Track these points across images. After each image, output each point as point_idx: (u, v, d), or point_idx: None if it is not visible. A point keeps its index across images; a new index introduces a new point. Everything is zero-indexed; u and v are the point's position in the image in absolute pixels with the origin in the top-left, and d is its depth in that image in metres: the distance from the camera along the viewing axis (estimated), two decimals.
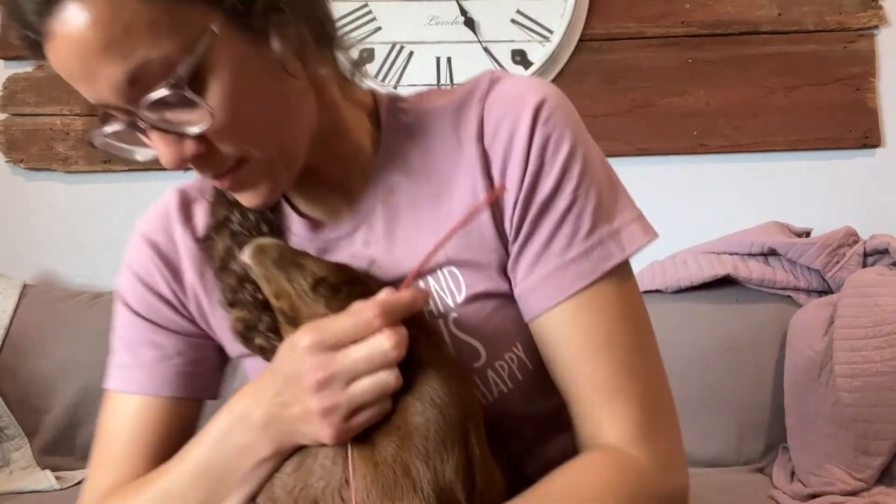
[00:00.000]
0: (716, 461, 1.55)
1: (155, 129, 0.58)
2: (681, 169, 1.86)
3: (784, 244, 1.62)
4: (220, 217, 0.70)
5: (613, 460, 0.63)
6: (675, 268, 1.68)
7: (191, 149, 0.59)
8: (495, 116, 0.67)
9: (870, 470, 1.32)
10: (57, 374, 1.62)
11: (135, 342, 0.74)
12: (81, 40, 0.53)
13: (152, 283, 0.74)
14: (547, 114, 0.67)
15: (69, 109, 1.87)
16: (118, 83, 0.55)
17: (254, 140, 0.60)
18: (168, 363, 0.72)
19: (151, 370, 0.72)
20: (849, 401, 1.37)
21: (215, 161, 0.61)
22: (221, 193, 0.71)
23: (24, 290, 1.74)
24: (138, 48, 0.54)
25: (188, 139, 0.58)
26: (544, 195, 0.66)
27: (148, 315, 0.74)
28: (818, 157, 1.86)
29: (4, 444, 1.59)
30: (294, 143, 0.63)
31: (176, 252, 0.73)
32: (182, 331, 0.73)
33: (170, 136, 0.58)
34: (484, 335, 0.67)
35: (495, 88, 0.69)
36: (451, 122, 0.69)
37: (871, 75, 1.84)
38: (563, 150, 0.66)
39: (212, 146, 0.59)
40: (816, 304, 1.56)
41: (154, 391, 0.71)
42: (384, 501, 0.55)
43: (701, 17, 1.84)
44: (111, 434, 0.72)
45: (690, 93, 1.85)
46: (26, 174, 1.90)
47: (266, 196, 0.64)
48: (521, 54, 1.83)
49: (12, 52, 1.87)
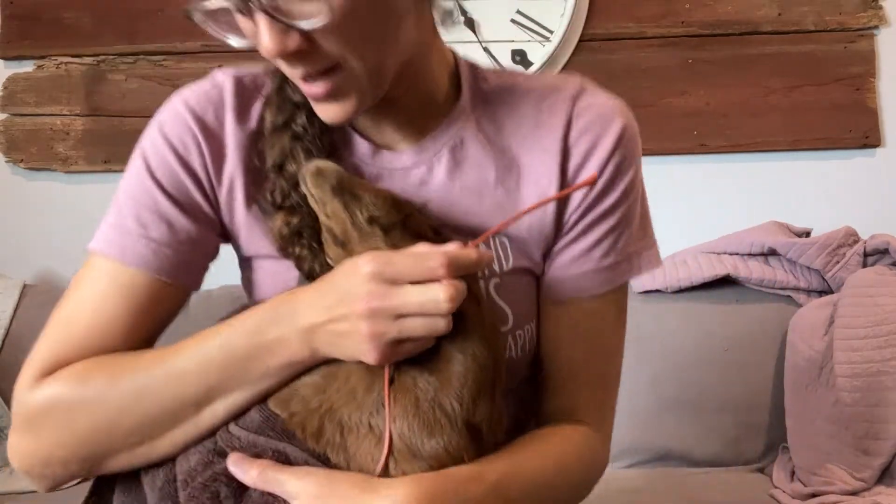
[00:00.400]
0: (716, 461, 1.55)
1: (266, 14, 0.57)
2: (681, 169, 1.86)
3: (784, 244, 1.62)
4: (285, 116, 0.69)
5: (583, 435, 0.73)
6: (675, 268, 1.68)
7: (295, 42, 0.58)
8: (585, 120, 0.72)
9: (870, 470, 1.32)
10: None
11: (147, 211, 0.69)
12: None
13: (186, 157, 0.70)
14: (628, 137, 0.74)
15: (69, 109, 1.88)
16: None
17: (357, 47, 0.60)
18: (175, 248, 0.69)
19: (157, 248, 0.68)
20: (849, 401, 1.37)
21: (313, 60, 0.60)
22: (284, 94, 0.70)
23: (24, 290, 1.74)
24: None
25: (295, 31, 0.58)
26: (605, 207, 0.72)
27: (170, 188, 0.70)
28: (818, 157, 1.86)
29: (4, 444, 1.59)
30: (388, 62, 0.64)
31: (222, 136, 0.71)
32: (199, 216, 0.70)
33: (278, 25, 0.57)
34: (515, 304, 0.72)
35: (586, 96, 0.74)
36: (533, 107, 0.73)
37: (871, 75, 1.84)
38: (629, 174, 0.73)
39: (314, 44, 0.59)
40: (816, 304, 1.57)
41: (154, 269, 0.68)
42: (423, 433, 0.60)
43: (701, 17, 1.84)
44: (87, 299, 0.68)
45: (690, 93, 1.85)
46: (26, 174, 1.91)
47: (348, 112, 0.64)
48: (521, 54, 1.83)
49: (13, 52, 1.87)
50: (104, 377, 0.64)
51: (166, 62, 1.87)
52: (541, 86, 0.74)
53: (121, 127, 1.87)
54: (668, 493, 1.41)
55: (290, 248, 0.67)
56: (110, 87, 1.87)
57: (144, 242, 0.68)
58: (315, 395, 0.64)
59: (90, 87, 1.87)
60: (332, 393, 0.64)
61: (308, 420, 0.63)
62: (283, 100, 0.70)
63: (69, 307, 0.69)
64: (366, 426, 0.63)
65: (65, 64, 1.88)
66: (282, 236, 0.67)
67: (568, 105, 0.73)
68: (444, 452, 0.60)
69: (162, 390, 0.63)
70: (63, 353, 0.67)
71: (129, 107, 1.87)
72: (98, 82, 1.87)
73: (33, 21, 1.87)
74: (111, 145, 1.87)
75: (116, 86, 1.87)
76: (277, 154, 0.68)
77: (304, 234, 0.67)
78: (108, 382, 0.64)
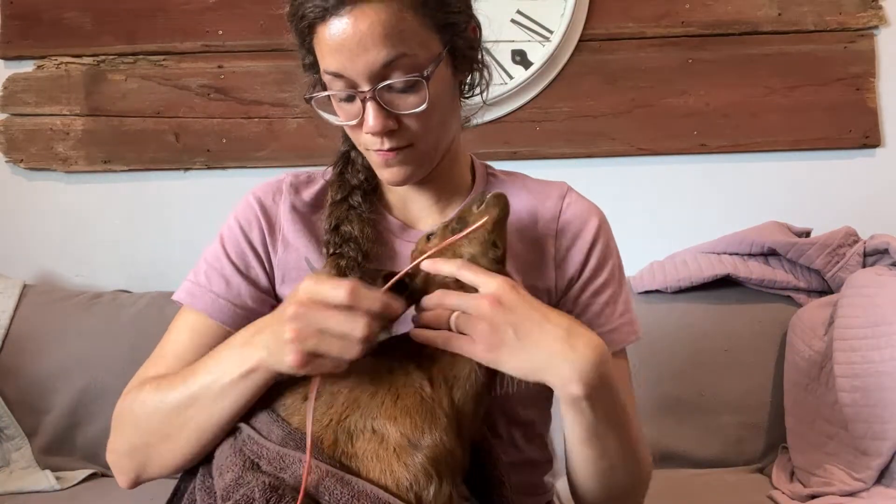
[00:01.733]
0: (716, 461, 1.55)
1: (375, 102, 0.80)
2: (681, 169, 1.86)
3: (784, 244, 1.62)
4: (343, 193, 0.92)
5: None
6: (675, 268, 1.68)
7: (392, 124, 0.81)
8: (573, 211, 0.95)
9: (869, 470, 1.32)
10: (57, 374, 1.62)
11: (214, 271, 0.92)
12: (370, 28, 0.77)
13: (249, 232, 0.93)
14: (605, 228, 0.97)
15: (69, 109, 1.88)
16: (377, 63, 0.78)
17: (430, 131, 0.84)
18: (230, 300, 0.90)
19: (215, 299, 0.90)
20: (848, 401, 1.37)
21: (398, 137, 0.83)
22: (344, 178, 0.93)
23: (24, 290, 1.74)
24: (402, 46, 0.78)
25: (392, 116, 0.81)
26: (600, 282, 0.94)
27: (234, 255, 0.92)
28: (818, 157, 1.86)
29: (4, 444, 1.59)
30: (442, 146, 0.89)
31: (276, 213, 0.94)
32: (252, 279, 0.92)
33: (383, 111, 0.80)
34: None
35: (573, 194, 0.98)
36: (529, 202, 0.96)
37: (871, 75, 1.84)
38: (613, 255, 0.96)
39: (401, 126, 0.82)
40: (816, 304, 1.57)
41: (212, 315, 0.89)
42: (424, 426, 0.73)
43: (701, 17, 1.84)
44: (170, 332, 0.92)
45: (690, 93, 1.85)
46: (26, 174, 1.91)
47: (408, 177, 0.87)
48: (521, 54, 1.83)
49: (13, 52, 1.87)
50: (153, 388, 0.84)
51: (166, 62, 1.87)
52: (537, 187, 0.98)
53: (121, 127, 1.87)
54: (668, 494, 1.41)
55: None
56: (110, 87, 1.88)
57: (207, 293, 0.91)
58: (325, 412, 0.74)
59: (90, 87, 1.87)
60: (339, 406, 0.74)
61: (323, 435, 0.73)
62: (343, 182, 0.94)
63: (162, 342, 0.92)
64: (369, 430, 0.73)
65: (65, 64, 1.88)
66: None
67: (559, 202, 0.96)
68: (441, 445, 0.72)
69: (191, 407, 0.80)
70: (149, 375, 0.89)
71: (129, 107, 1.87)
72: (98, 82, 1.87)
73: (33, 21, 1.87)
74: (111, 145, 1.87)
75: (116, 86, 1.87)
76: (335, 218, 0.90)
77: (348, 276, 0.83)
78: (155, 393, 0.83)
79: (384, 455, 0.72)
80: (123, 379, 0.90)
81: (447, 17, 0.82)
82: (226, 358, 0.78)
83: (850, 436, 1.37)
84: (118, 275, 1.90)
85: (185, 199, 1.89)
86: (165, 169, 1.89)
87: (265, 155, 1.87)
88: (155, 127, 1.87)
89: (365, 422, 0.73)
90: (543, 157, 1.85)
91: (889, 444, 1.31)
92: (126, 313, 1.68)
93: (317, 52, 0.82)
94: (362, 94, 0.80)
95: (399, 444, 0.72)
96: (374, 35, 0.77)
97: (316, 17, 0.79)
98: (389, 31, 0.77)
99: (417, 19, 0.79)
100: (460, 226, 0.80)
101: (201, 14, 1.86)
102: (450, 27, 0.83)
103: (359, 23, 0.77)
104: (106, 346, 1.64)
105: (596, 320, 0.93)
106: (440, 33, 0.82)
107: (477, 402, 0.77)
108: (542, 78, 1.83)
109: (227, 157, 1.88)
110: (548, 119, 1.85)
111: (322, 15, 0.78)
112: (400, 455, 0.72)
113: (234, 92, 1.86)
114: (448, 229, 0.82)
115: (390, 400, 0.74)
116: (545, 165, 1.85)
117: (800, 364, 1.51)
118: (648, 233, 1.84)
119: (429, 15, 0.80)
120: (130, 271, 1.91)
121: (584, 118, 1.85)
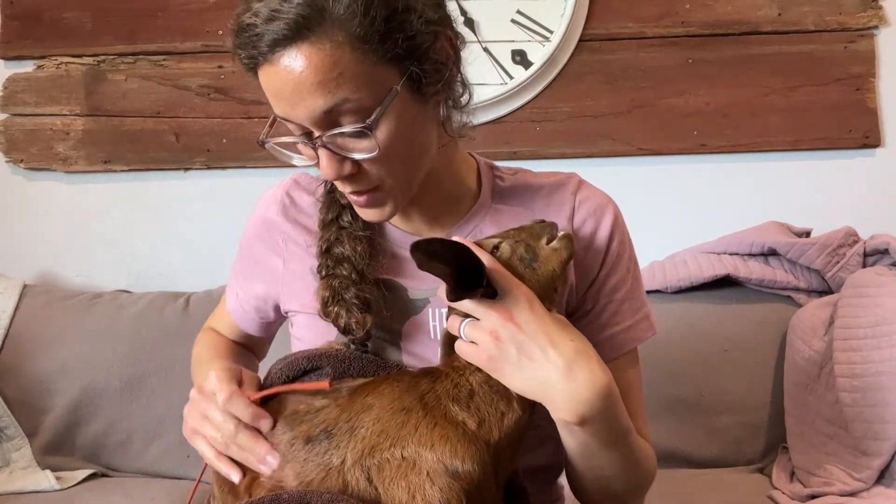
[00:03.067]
0: (716, 461, 1.55)
1: (327, 149, 0.75)
2: (681, 169, 1.86)
3: (784, 244, 1.62)
4: (333, 214, 0.90)
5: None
6: (675, 268, 1.68)
7: (347, 168, 0.77)
8: (586, 209, 0.92)
9: (869, 470, 1.32)
10: (57, 374, 1.62)
11: (235, 282, 1.01)
12: (302, 75, 0.71)
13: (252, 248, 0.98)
14: (619, 223, 0.94)
15: (69, 109, 1.88)
16: (316, 112, 0.72)
17: (394, 173, 0.79)
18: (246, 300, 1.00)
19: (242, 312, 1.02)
20: (848, 401, 1.37)
21: (359, 181, 0.79)
22: (333, 197, 0.90)
23: (24, 290, 1.74)
24: (341, 91, 0.72)
25: (348, 161, 0.77)
26: (617, 279, 0.92)
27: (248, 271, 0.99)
28: (818, 157, 1.86)
29: (4, 444, 1.59)
30: (416, 178, 0.83)
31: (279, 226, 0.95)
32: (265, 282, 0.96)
33: (336, 156, 0.76)
34: None
35: (584, 189, 0.94)
36: (543, 201, 0.93)
37: (871, 75, 1.84)
38: (627, 249, 0.94)
39: (362, 170, 0.78)
40: (816, 304, 1.57)
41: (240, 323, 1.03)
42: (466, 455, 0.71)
43: (701, 17, 1.84)
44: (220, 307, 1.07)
45: (690, 93, 1.85)
46: (26, 174, 1.91)
47: (385, 215, 0.84)
48: (521, 54, 1.83)
49: (13, 52, 1.87)
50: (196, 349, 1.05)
51: (166, 62, 1.87)
52: (547, 183, 0.94)
53: (121, 127, 1.87)
54: (668, 494, 1.41)
55: (330, 308, 0.85)
56: (110, 87, 1.87)
57: (237, 304, 1.01)
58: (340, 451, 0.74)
59: (90, 87, 1.87)
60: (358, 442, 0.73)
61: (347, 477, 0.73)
62: (332, 201, 0.91)
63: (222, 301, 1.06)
64: (398, 457, 0.72)
65: (65, 64, 1.88)
66: (324, 299, 0.85)
67: (572, 198, 0.92)
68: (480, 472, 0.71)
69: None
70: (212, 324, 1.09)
71: (129, 107, 1.87)
72: (98, 82, 1.87)
73: (33, 21, 1.87)
74: (111, 145, 1.87)
75: (116, 86, 1.87)
76: (326, 241, 0.88)
77: (344, 296, 0.85)
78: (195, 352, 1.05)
79: (415, 479, 0.70)
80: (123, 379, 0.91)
81: (399, 44, 0.73)
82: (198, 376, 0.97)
83: (850, 436, 1.37)
84: (118, 275, 1.90)
85: (185, 199, 1.89)
86: (165, 169, 1.88)
87: (265, 155, 1.86)
88: (155, 127, 1.87)
89: (393, 451, 0.72)
90: (543, 157, 1.85)
91: (889, 444, 1.31)
92: (126, 313, 1.68)
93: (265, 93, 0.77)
94: (314, 139, 0.75)
95: (433, 470, 0.70)
96: (308, 83, 0.71)
97: (250, 67, 0.75)
98: (324, 78, 0.71)
99: (357, 57, 0.71)
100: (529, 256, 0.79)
101: (201, 14, 1.86)
102: (407, 54, 0.74)
103: (291, 70, 0.71)
104: (106, 346, 1.64)
105: (613, 318, 0.92)
106: (393, 64, 0.74)
107: (516, 440, 0.76)
108: (542, 78, 1.83)
109: (227, 157, 1.88)
110: (548, 119, 1.85)
111: (254, 65, 0.74)
112: (434, 480, 0.69)
113: (234, 92, 1.86)
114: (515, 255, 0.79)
115: (425, 427, 0.72)
116: (545, 165, 1.84)
117: (800, 364, 1.51)
118: (648, 233, 1.84)
119: (372, 50, 0.72)
120: (130, 271, 1.91)
121: (584, 118, 1.85)
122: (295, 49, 0.70)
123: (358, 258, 0.86)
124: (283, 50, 0.71)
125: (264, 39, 0.71)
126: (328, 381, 0.78)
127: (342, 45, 0.71)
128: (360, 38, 0.71)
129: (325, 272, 0.87)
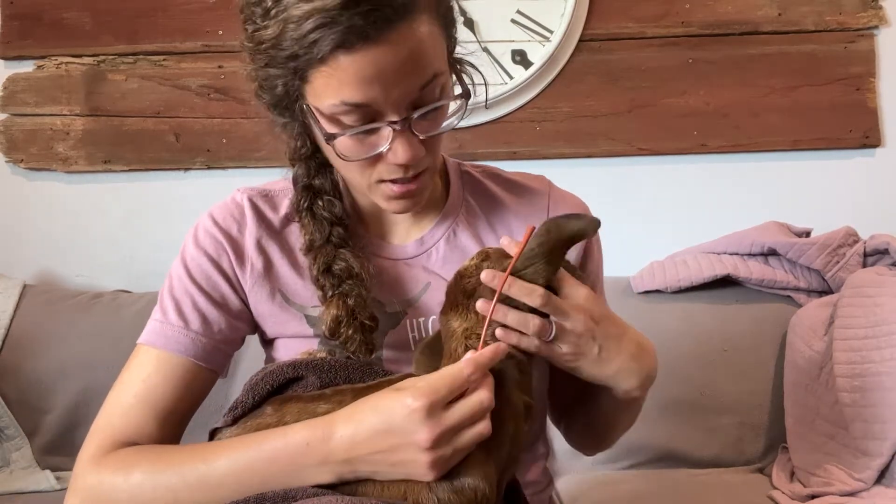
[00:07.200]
0: (716, 461, 1.55)
1: (410, 132, 0.72)
2: (681, 169, 1.86)
3: (784, 244, 1.62)
4: (324, 234, 0.84)
5: None
6: (675, 268, 1.68)
7: (423, 150, 0.74)
8: (564, 209, 0.91)
9: (869, 470, 1.32)
10: (57, 374, 1.62)
11: (188, 308, 0.84)
12: (412, 50, 0.67)
13: (219, 262, 0.86)
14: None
15: (69, 109, 1.87)
16: (413, 90, 0.70)
17: (438, 152, 0.80)
18: (210, 337, 0.84)
19: (195, 338, 0.83)
20: (848, 401, 1.37)
21: (420, 164, 0.76)
22: (316, 215, 0.85)
23: (24, 290, 1.74)
24: (435, 64, 0.71)
25: (421, 144, 0.73)
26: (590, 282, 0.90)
27: (207, 288, 0.85)
28: (818, 157, 1.86)
29: (4, 444, 1.59)
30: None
31: (243, 245, 0.86)
32: (230, 311, 0.86)
33: (415, 139, 0.73)
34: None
35: (556, 190, 0.95)
36: (514, 201, 0.92)
37: (871, 75, 1.84)
38: (596, 250, 0.96)
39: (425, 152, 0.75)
40: (816, 304, 1.56)
41: (192, 355, 0.82)
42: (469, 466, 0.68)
43: (701, 17, 1.84)
44: (136, 382, 0.81)
45: (690, 93, 1.85)
46: (26, 174, 1.91)
47: (421, 203, 0.82)
48: (521, 54, 1.83)
49: (13, 52, 1.87)
50: (145, 470, 0.73)
51: (166, 62, 1.87)
52: (517, 185, 0.93)
53: (121, 127, 1.87)
54: (668, 494, 1.41)
55: (340, 329, 0.80)
56: (110, 87, 1.87)
57: (185, 333, 0.83)
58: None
59: (90, 87, 1.87)
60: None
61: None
62: (318, 222, 0.85)
63: (123, 389, 0.82)
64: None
65: (65, 64, 1.88)
66: (336, 319, 0.80)
67: (545, 199, 0.92)
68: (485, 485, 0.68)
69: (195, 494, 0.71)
70: (119, 429, 0.79)
71: (129, 107, 1.87)
72: (98, 82, 1.87)
73: (33, 21, 1.87)
74: (111, 145, 1.87)
75: (116, 86, 1.87)
76: (324, 261, 0.83)
77: (357, 317, 0.80)
78: (149, 477, 0.73)
79: (413, 485, 0.67)
80: None
81: (447, 16, 0.74)
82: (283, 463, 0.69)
83: (850, 436, 1.37)
84: (118, 275, 1.90)
85: (185, 199, 1.89)
86: (165, 169, 1.88)
87: (265, 155, 1.87)
88: (155, 127, 1.87)
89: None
90: (543, 157, 1.85)
91: (889, 444, 1.31)
92: (126, 313, 1.68)
93: (321, 83, 0.69)
94: (393, 124, 0.71)
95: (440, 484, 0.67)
96: (415, 60, 0.68)
97: (336, 46, 0.66)
98: (428, 51, 0.69)
99: (437, 29, 0.71)
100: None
101: (201, 14, 1.86)
102: (449, 24, 0.75)
103: (399, 48, 0.67)
104: (106, 346, 1.63)
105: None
106: (445, 35, 0.74)
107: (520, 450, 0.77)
108: (542, 78, 1.83)
109: (227, 157, 1.88)
110: (548, 119, 1.85)
111: (346, 43, 0.65)
112: (432, 488, 0.67)
113: (234, 92, 1.86)
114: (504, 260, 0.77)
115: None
116: (545, 165, 1.85)
117: (800, 364, 1.51)
118: (648, 233, 1.84)
119: (441, 17, 0.72)
120: (130, 271, 1.90)
121: (583, 118, 1.85)
122: (403, 23, 0.67)
123: (366, 273, 0.82)
124: (390, 26, 0.66)
125: (373, 16, 0.65)
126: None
127: (432, 12, 0.70)
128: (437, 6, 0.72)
129: (331, 292, 0.82)
